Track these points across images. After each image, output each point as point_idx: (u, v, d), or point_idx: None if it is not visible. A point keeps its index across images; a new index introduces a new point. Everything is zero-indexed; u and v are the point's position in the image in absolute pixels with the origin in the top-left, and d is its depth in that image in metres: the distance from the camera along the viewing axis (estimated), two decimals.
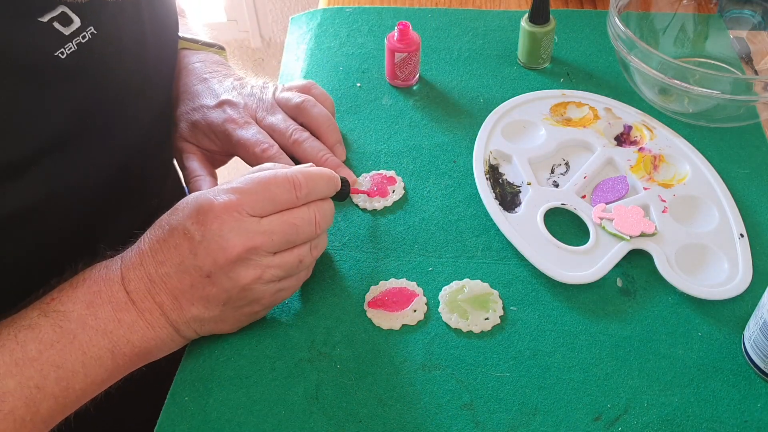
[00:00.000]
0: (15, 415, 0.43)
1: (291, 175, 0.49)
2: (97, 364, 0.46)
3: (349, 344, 0.52)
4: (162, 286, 0.47)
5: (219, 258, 0.46)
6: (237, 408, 0.49)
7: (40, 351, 0.44)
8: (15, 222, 0.47)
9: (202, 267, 0.46)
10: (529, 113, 0.68)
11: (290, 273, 0.50)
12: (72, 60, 0.47)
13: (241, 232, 0.46)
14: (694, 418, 0.48)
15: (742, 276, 0.54)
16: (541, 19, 0.71)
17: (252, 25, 1.86)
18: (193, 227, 0.46)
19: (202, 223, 0.46)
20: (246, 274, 0.47)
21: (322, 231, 0.51)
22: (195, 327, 0.49)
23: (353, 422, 0.48)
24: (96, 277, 0.47)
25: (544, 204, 0.60)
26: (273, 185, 0.48)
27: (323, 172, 0.51)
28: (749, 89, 0.62)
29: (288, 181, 0.48)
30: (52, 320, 0.45)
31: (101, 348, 0.46)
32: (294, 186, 0.48)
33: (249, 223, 0.47)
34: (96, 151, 0.52)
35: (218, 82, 0.64)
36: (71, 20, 0.47)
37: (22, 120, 0.45)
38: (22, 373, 0.43)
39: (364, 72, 0.75)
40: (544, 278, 0.56)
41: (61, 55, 0.46)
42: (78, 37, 0.48)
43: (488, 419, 0.48)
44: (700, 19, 0.77)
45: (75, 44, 0.47)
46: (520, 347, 0.52)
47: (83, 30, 0.48)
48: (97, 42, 0.49)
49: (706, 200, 0.60)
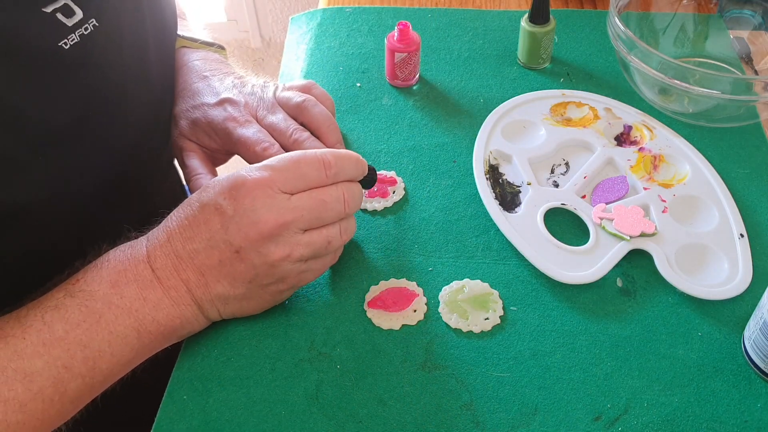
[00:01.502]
0: (43, 394, 0.43)
1: (321, 155, 0.50)
2: (123, 342, 0.46)
3: (349, 344, 0.52)
4: (189, 263, 0.48)
5: (251, 233, 0.47)
6: (237, 408, 0.49)
7: (66, 331, 0.45)
8: (13, 217, 0.47)
9: (233, 242, 0.47)
10: (529, 113, 0.68)
11: (318, 254, 0.50)
12: (74, 51, 0.48)
13: (272, 208, 0.47)
14: (694, 418, 0.48)
15: (742, 276, 0.54)
16: (541, 19, 0.71)
17: (252, 25, 1.86)
18: (225, 202, 0.47)
19: (235, 198, 0.47)
20: (276, 251, 0.48)
21: (350, 211, 0.51)
22: (219, 306, 0.50)
23: (353, 422, 0.48)
24: (121, 257, 0.48)
25: (544, 204, 0.60)
26: (303, 163, 0.49)
27: (351, 154, 0.52)
28: (749, 89, 0.62)
29: (318, 160, 0.50)
30: (78, 300, 0.46)
31: (127, 327, 0.46)
32: (324, 165, 0.50)
33: (280, 200, 0.48)
34: (96, 145, 0.52)
35: (219, 80, 0.64)
36: (74, 12, 0.48)
37: (24, 110, 0.45)
38: (49, 353, 0.44)
39: (364, 72, 0.75)
40: (544, 278, 0.56)
41: (64, 46, 0.47)
42: (80, 28, 0.48)
43: (488, 419, 0.48)
44: (700, 19, 0.77)
45: (77, 35, 0.48)
46: (520, 347, 0.52)
47: (85, 22, 0.48)
48: (99, 34, 0.50)
49: (706, 200, 0.60)
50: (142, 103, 0.58)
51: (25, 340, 0.44)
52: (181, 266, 0.48)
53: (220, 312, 0.50)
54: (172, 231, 0.48)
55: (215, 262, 0.48)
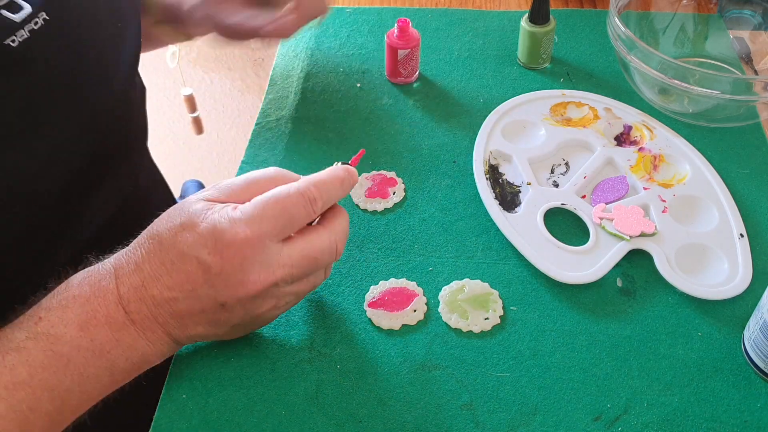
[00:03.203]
0: None
1: (304, 190, 0.47)
2: (94, 381, 0.44)
3: (349, 344, 0.52)
4: (167, 308, 0.45)
5: (239, 291, 0.45)
6: (237, 408, 0.49)
7: (31, 375, 0.42)
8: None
9: (218, 297, 0.45)
10: (529, 113, 0.68)
11: (303, 296, 0.50)
12: (24, 47, 0.45)
13: (263, 266, 0.45)
14: (694, 418, 0.48)
15: (742, 276, 0.54)
16: (541, 19, 0.71)
17: None
18: (209, 258, 0.44)
19: (221, 255, 0.44)
20: (262, 305, 0.46)
21: (341, 255, 0.49)
22: (197, 340, 0.49)
23: (353, 422, 0.48)
24: (88, 295, 0.44)
25: (544, 204, 0.60)
26: (289, 206, 0.46)
27: (335, 175, 0.49)
28: (749, 89, 0.62)
29: (302, 197, 0.46)
30: (42, 344, 0.43)
31: (99, 368, 0.44)
32: (309, 201, 0.47)
33: (270, 253, 0.45)
34: (58, 139, 0.50)
35: None
36: (21, 7, 0.46)
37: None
38: (12, 396, 0.41)
39: (364, 72, 0.75)
40: (544, 278, 0.56)
41: (12, 43, 0.45)
42: (29, 23, 0.46)
43: (488, 419, 0.48)
44: (700, 19, 0.77)
45: (27, 31, 0.46)
46: (520, 347, 0.52)
47: (34, 16, 0.46)
48: (51, 28, 0.47)
49: (706, 200, 0.60)
50: (103, 92, 0.55)
51: None
52: (159, 312, 0.45)
53: (196, 341, 0.49)
54: (147, 275, 0.45)
55: (197, 311, 0.45)
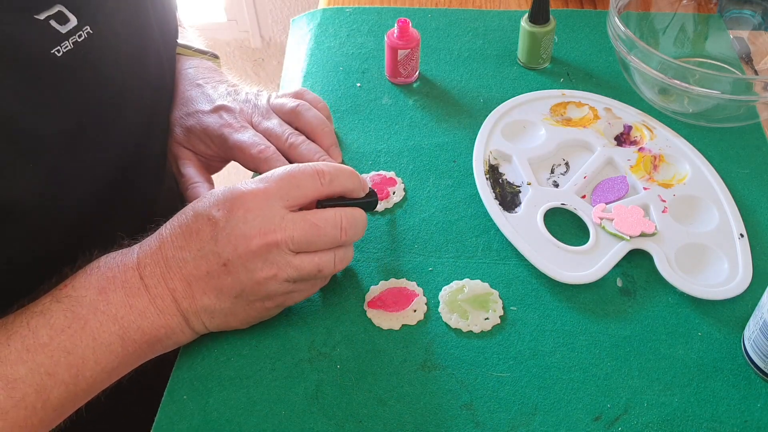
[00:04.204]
0: (26, 402, 0.43)
1: (314, 164, 0.51)
2: (108, 350, 0.46)
3: (349, 344, 0.52)
4: (177, 271, 0.48)
5: (239, 246, 0.47)
6: (237, 408, 0.49)
7: (51, 336, 0.44)
8: (5, 222, 0.47)
9: (221, 254, 0.47)
10: (529, 113, 0.68)
11: (306, 278, 0.50)
12: (68, 58, 0.47)
13: (265, 221, 0.47)
14: (694, 418, 0.48)
15: (742, 276, 0.54)
16: (541, 19, 0.71)
17: (252, 25, 1.86)
18: (218, 213, 0.47)
19: (229, 209, 0.47)
20: (263, 268, 0.47)
21: (348, 239, 0.50)
22: (204, 319, 0.49)
23: (353, 422, 0.48)
24: (111, 264, 0.48)
25: (544, 204, 0.60)
26: (298, 172, 0.50)
27: (345, 167, 0.53)
28: (749, 89, 0.62)
29: (311, 168, 0.50)
30: (64, 306, 0.46)
31: (111, 334, 0.46)
32: (318, 173, 0.50)
33: (274, 212, 0.48)
34: (90, 152, 0.52)
35: (212, 87, 0.64)
36: (68, 19, 0.47)
37: (14, 117, 0.45)
38: (33, 359, 0.44)
39: (364, 72, 0.75)
40: (544, 278, 0.56)
41: (57, 53, 0.47)
42: (74, 35, 0.48)
43: (488, 419, 0.48)
44: (700, 19, 0.77)
45: (71, 43, 0.48)
46: (520, 347, 0.52)
47: (80, 29, 0.48)
48: (94, 41, 0.49)
49: (706, 200, 0.60)
50: (139, 110, 0.57)
51: (9, 346, 0.44)
52: (169, 275, 0.48)
53: (205, 325, 0.50)
54: (164, 239, 0.48)
55: (203, 273, 0.48)
